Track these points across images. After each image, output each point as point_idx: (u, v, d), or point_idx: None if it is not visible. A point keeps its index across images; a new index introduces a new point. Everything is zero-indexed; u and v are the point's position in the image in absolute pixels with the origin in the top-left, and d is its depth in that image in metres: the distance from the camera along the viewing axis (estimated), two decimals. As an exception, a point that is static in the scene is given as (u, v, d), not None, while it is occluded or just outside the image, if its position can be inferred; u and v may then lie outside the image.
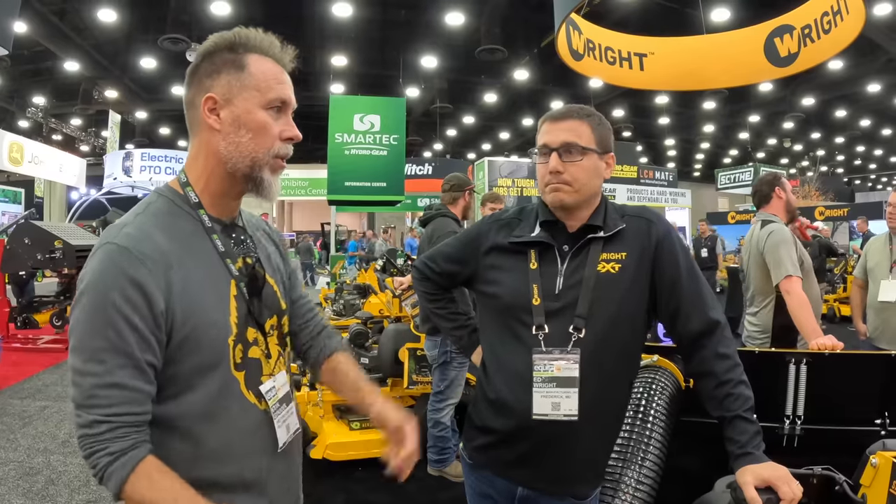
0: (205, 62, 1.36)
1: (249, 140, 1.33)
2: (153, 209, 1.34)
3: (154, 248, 1.24)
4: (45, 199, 23.62)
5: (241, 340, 1.35)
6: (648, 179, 22.70)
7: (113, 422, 1.18)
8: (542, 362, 1.69)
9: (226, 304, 1.33)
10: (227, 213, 1.44)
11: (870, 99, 22.50)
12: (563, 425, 1.68)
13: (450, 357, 4.36)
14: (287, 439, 1.45)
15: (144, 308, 1.20)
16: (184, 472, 1.24)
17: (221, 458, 1.32)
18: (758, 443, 1.57)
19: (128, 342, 1.18)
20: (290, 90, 1.40)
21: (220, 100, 1.33)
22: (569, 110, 1.81)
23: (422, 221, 4.95)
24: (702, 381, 1.72)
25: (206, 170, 1.38)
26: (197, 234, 1.35)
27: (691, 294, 1.73)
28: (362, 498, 4.37)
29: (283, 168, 1.42)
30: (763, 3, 12.06)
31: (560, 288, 1.73)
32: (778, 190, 3.91)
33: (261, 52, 1.37)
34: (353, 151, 9.70)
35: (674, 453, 2.00)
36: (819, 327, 3.31)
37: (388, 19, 16.40)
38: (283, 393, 1.45)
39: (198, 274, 1.30)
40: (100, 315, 1.18)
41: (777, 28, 8.96)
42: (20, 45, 14.77)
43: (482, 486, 1.89)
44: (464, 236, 2.02)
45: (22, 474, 4.74)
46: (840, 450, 2.04)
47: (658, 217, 1.82)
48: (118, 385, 1.18)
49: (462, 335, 2.18)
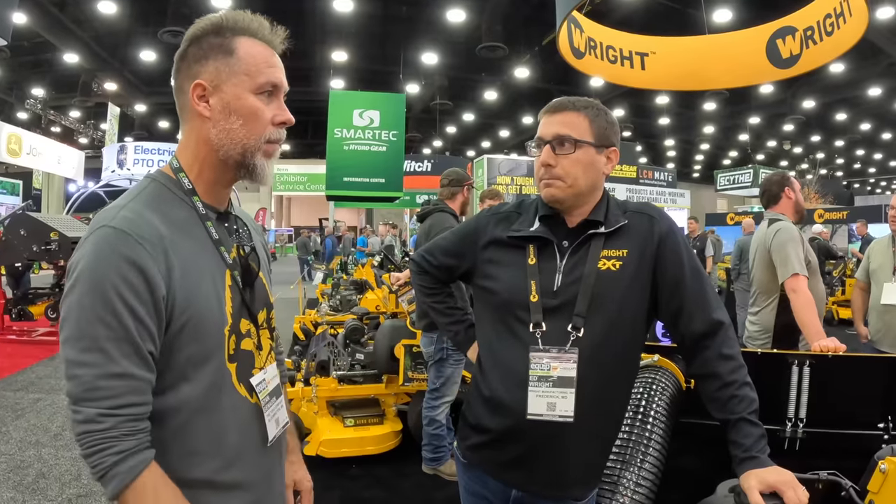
0: (192, 47, 1.32)
1: (240, 127, 1.29)
2: (146, 194, 1.28)
3: (152, 231, 1.19)
4: (43, 190, 23.55)
5: (234, 331, 1.31)
6: (648, 179, 22.70)
7: (119, 415, 1.12)
8: (538, 361, 1.64)
9: (222, 293, 1.29)
10: (220, 201, 1.39)
11: (870, 102, 22.53)
12: (558, 426, 1.63)
13: (446, 354, 4.32)
14: (277, 433, 1.41)
15: (145, 292, 1.14)
16: (176, 473, 1.20)
17: (213, 453, 1.27)
18: (763, 446, 1.52)
19: (129, 328, 1.12)
20: (282, 73, 1.35)
21: (209, 86, 1.28)
22: (565, 102, 1.75)
23: (419, 216, 4.92)
24: (705, 382, 1.67)
25: (198, 157, 1.33)
26: (191, 221, 1.30)
27: (695, 293, 1.68)
28: (356, 495, 4.34)
29: (277, 152, 1.37)
30: (765, 4, 12.05)
31: (559, 285, 1.68)
32: (787, 190, 3.87)
33: (250, 34, 1.32)
34: (352, 147, 9.65)
35: (674, 454, 1.96)
36: (822, 329, 3.28)
37: (389, 15, 16.40)
38: (273, 386, 1.42)
39: (195, 260, 1.25)
40: (98, 301, 1.11)
41: (779, 29, 8.95)
42: (20, 36, 14.73)
43: (476, 485, 1.84)
44: (462, 229, 1.98)
45: (13, 467, 4.69)
46: (842, 453, 2.01)
47: (661, 213, 1.76)
48: (123, 375, 1.12)
49: (458, 330, 2.13)
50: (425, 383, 4.62)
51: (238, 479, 1.32)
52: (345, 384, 5.07)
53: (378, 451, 4.71)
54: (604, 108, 1.77)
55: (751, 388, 1.61)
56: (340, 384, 5.02)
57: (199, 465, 1.26)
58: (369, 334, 5.50)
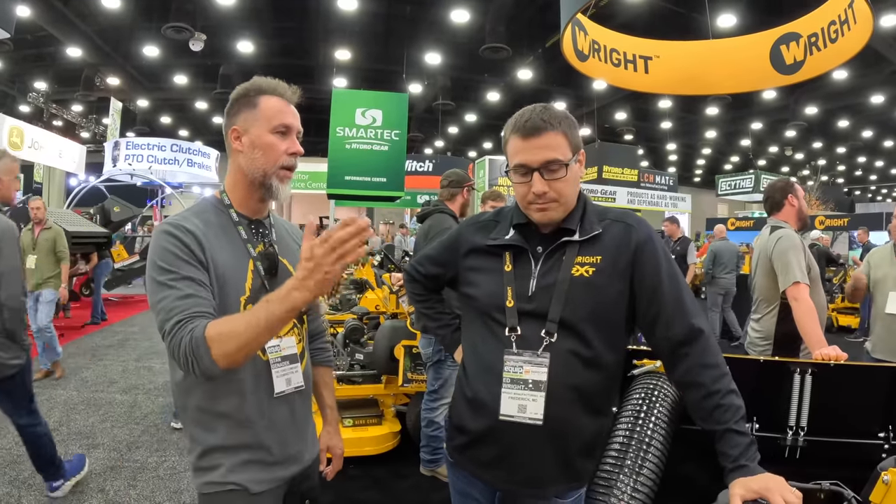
0: (232, 106, 1.82)
1: (261, 156, 1.77)
2: (197, 207, 1.82)
3: (192, 226, 1.69)
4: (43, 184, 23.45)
5: (252, 302, 1.69)
6: (649, 183, 22.64)
7: (192, 316, 1.54)
8: (511, 364, 1.71)
9: (244, 273, 1.77)
10: (253, 212, 1.87)
11: (873, 110, 22.50)
12: (529, 428, 1.67)
13: (444, 356, 4.32)
14: (285, 389, 1.81)
15: (198, 249, 1.65)
16: (199, 398, 1.72)
17: (229, 391, 1.71)
18: (751, 454, 1.52)
19: (188, 271, 1.61)
20: (293, 118, 1.82)
21: (241, 130, 1.79)
22: (540, 123, 1.70)
23: (419, 217, 4.91)
24: (689, 392, 1.67)
25: (234, 181, 1.84)
26: (227, 225, 1.81)
27: (672, 300, 1.69)
28: (354, 496, 4.33)
29: (290, 176, 1.83)
30: (770, 10, 12.04)
31: (533, 290, 1.73)
32: (791, 197, 3.85)
33: (269, 92, 1.80)
34: (353, 146, 9.60)
35: (675, 462, 1.95)
36: (823, 337, 3.26)
37: (392, 14, 16.35)
38: (287, 353, 1.83)
39: (224, 250, 1.74)
40: (165, 263, 1.62)
41: (783, 35, 8.95)
42: (23, 29, 14.71)
43: (463, 485, 1.92)
44: (446, 239, 2.07)
45: (9, 462, 4.69)
46: (843, 462, 2.00)
47: (639, 221, 1.78)
48: (190, 296, 1.58)
49: (445, 334, 2.25)
50: (424, 385, 4.61)
51: (248, 415, 1.74)
52: (343, 384, 5.07)
53: (376, 451, 4.71)
54: (565, 113, 1.76)
55: (736, 395, 1.61)
56: (339, 384, 5.02)
57: (220, 400, 1.72)
58: (369, 334, 5.49)
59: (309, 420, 1.99)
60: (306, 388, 1.92)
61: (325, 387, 2.21)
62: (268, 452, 1.77)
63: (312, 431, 2.01)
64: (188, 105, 24.52)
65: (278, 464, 1.80)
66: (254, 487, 1.74)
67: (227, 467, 1.72)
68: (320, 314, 2.28)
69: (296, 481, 1.89)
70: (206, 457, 1.74)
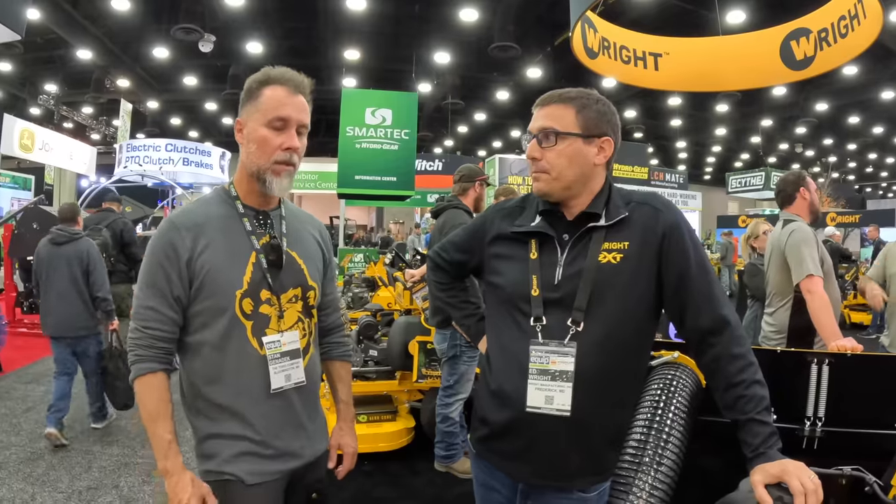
0: (242, 96, 1.82)
1: (255, 150, 1.77)
2: (203, 199, 1.89)
3: (191, 221, 1.77)
4: (54, 186, 23.56)
5: (251, 296, 1.77)
6: (659, 181, 22.62)
7: (143, 331, 1.74)
8: (538, 354, 1.68)
9: (243, 266, 1.78)
10: (259, 204, 1.88)
11: (883, 106, 22.31)
12: (556, 420, 1.65)
13: (459, 351, 4.33)
14: (283, 385, 1.81)
15: (175, 260, 1.72)
16: (199, 388, 1.78)
17: (224, 382, 1.76)
18: (773, 442, 1.52)
19: (161, 282, 1.73)
20: (294, 110, 1.77)
21: (242, 122, 1.80)
22: (553, 95, 1.76)
23: (433, 213, 4.92)
24: (714, 381, 1.68)
25: (239, 173, 1.87)
26: (231, 216, 1.83)
27: (701, 288, 1.67)
28: (368, 492, 4.35)
29: (287, 171, 1.80)
30: (779, 5, 11.97)
31: (559, 278, 1.70)
32: (802, 190, 3.84)
33: (274, 82, 1.77)
34: (363, 145, 9.62)
35: (694, 453, 1.95)
36: (838, 330, 3.25)
37: (401, 14, 16.36)
38: (288, 348, 1.83)
39: (221, 242, 1.77)
40: (148, 266, 1.76)
41: (793, 31, 8.92)
42: (33, 31, 14.79)
43: (485, 477, 1.89)
44: (471, 226, 2.04)
45: (23, 459, 4.73)
46: (860, 453, 1.99)
47: (666, 205, 1.75)
48: (151, 308, 1.73)
49: (470, 324, 2.19)
50: (439, 380, 4.62)
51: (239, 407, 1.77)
52: (357, 380, 5.08)
53: (390, 447, 4.72)
54: (596, 98, 1.76)
55: (761, 385, 1.60)
56: (353, 380, 5.03)
57: (214, 390, 1.77)
58: (383, 331, 5.51)
59: (314, 415, 1.97)
60: (309, 384, 1.90)
61: (340, 381, 2.19)
62: (263, 446, 1.78)
63: (320, 426, 2.00)
64: (198, 106, 24.61)
65: (274, 458, 1.81)
66: (248, 479, 1.76)
67: (223, 457, 1.76)
68: (338, 308, 2.23)
69: (297, 475, 1.89)
70: (203, 444, 1.80)
